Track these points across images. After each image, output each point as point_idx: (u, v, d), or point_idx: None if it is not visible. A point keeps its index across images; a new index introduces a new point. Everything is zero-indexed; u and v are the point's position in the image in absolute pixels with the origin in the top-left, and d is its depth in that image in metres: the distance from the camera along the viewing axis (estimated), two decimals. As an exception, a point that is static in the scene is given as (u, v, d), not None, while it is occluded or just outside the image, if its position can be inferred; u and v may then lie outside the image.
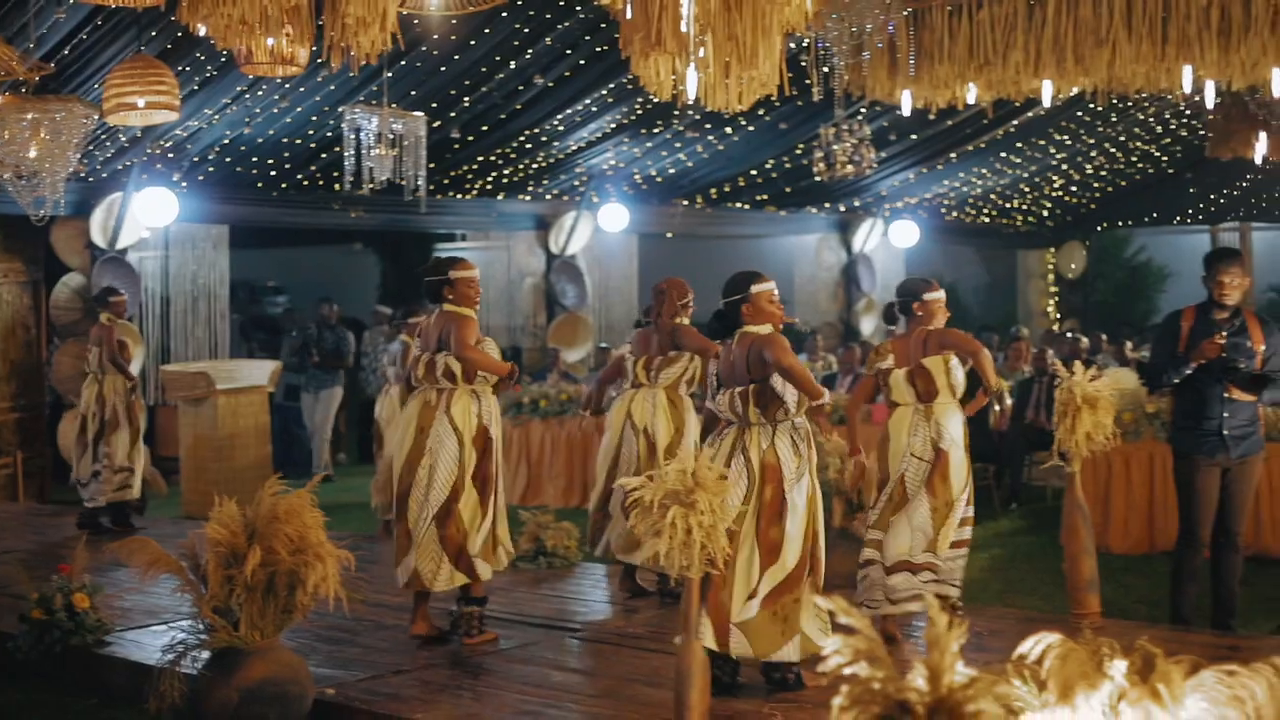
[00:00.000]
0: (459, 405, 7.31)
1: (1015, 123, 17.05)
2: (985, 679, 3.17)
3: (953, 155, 18.46)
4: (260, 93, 12.49)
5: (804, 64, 9.63)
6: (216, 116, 12.82)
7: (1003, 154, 18.98)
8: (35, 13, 9.34)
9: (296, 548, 6.00)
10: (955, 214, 21.59)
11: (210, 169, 14.01)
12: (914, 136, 17.00)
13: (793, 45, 9.84)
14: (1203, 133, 16.37)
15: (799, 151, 16.56)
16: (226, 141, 13.48)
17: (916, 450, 7.33)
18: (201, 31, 7.01)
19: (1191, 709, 3.74)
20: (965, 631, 3.20)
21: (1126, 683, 3.77)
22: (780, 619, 6.29)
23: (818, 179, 14.16)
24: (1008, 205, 22.01)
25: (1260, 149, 13.85)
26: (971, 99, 10.97)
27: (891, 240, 20.73)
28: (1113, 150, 19.94)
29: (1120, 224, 23.50)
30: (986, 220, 22.35)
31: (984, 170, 19.72)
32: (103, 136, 12.22)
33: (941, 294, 7.58)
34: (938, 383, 7.34)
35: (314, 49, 8.38)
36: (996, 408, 7.63)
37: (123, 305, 11.66)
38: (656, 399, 8.29)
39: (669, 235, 18.72)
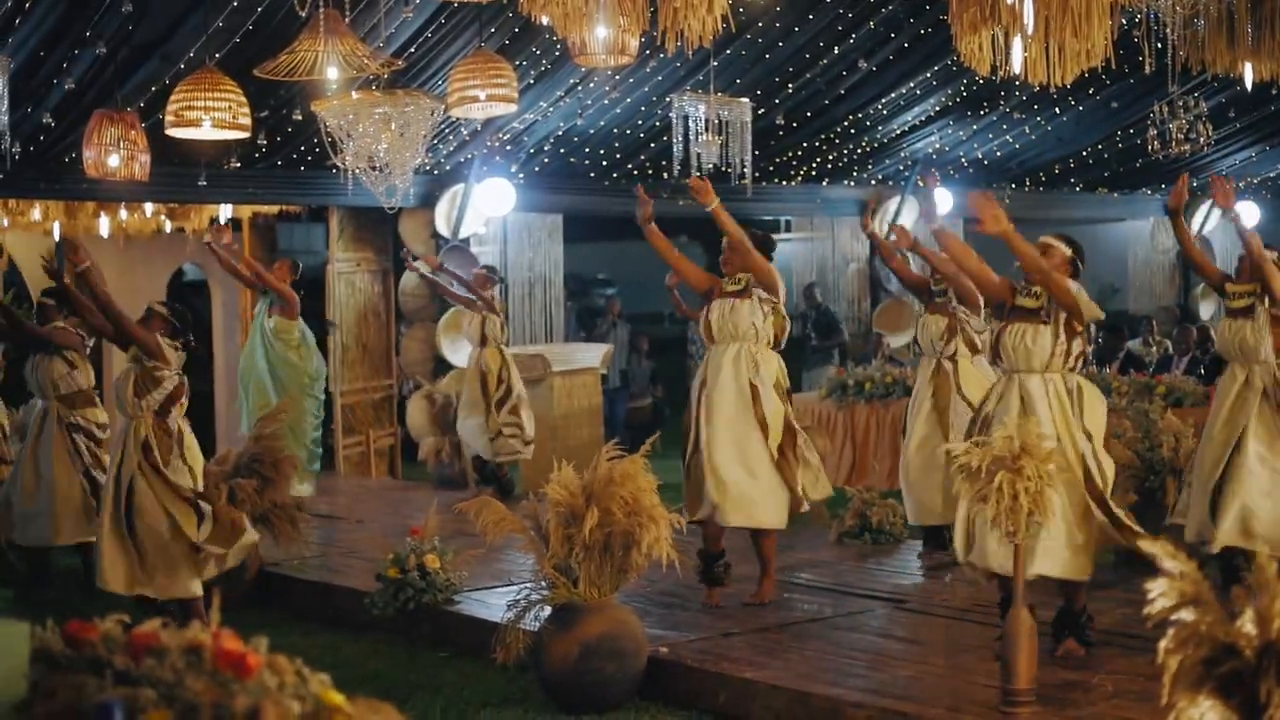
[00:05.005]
0: None
1: (1368, 96, 16.18)
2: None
3: (1297, 131, 17.63)
4: (592, 84, 12.89)
5: (1136, 40, 9.42)
6: (551, 109, 13.28)
7: (1355, 129, 18.00)
8: (385, 12, 9.91)
9: (631, 510, 6.28)
10: (1302, 194, 20.60)
11: (545, 160, 14.50)
12: (1255, 113, 16.32)
13: (1124, 21, 9.63)
14: None
15: (1131, 131, 16.10)
16: (560, 133, 13.94)
17: None
18: (545, 22, 7.36)
19: None
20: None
21: None
22: None
23: (1153, 157, 13.77)
24: (1361, 185, 20.86)
25: None
26: (1319, 70, 10.51)
27: (1232, 222, 19.88)
28: None
29: None
30: (1337, 200, 21.22)
31: (1334, 147, 18.76)
32: (446, 130, 12.83)
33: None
34: None
35: (643, 39, 8.66)
36: None
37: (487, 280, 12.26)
38: None
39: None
